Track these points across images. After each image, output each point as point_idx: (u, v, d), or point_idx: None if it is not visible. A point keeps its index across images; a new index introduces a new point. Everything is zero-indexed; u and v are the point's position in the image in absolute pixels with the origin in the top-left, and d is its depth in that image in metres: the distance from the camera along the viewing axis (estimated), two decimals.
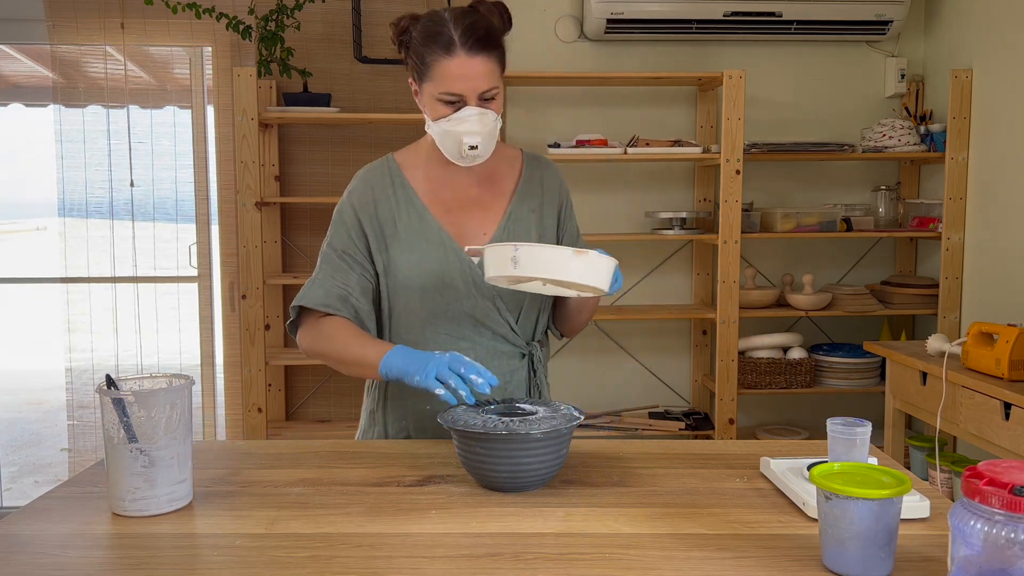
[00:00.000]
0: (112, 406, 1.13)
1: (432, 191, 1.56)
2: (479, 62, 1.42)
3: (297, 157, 3.41)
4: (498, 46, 1.45)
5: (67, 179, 3.35)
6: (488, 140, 1.47)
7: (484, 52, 1.42)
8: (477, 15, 1.45)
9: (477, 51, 1.42)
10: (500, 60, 1.46)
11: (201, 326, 3.46)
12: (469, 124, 1.44)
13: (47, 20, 3.26)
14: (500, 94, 1.46)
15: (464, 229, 1.55)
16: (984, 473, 0.79)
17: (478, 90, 1.43)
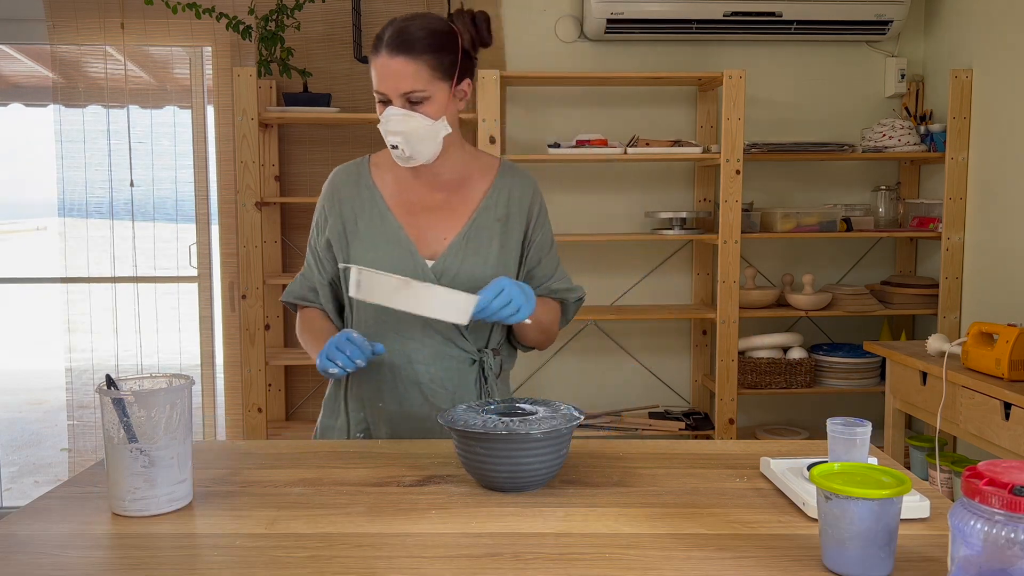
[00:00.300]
0: (112, 406, 1.13)
1: (398, 193, 1.60)
2: (399, 62, 1.44)
3: (297, 157, 3.41)
4: (431, 51, 1.45)
5: (67, 179, 3.35)
6: (415, 143, 1.48)
7: (406, 54, 1.44)
8: (419, 20, 1.47)
9: (398, 52, 1.44)
10: (435, 66, 1.46)
11: (201, 326, 3.46)
12: (391, 124, 1.47)
13: (47, 20, 3.26)
14: (438, 101, 1.47)
15: (425, 233, 1.57)
16: (984, 473, 0.79)
17: (399, 90, 1.45)
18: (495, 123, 3.04)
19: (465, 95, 1.54)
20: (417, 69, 1.44)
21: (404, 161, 1.51)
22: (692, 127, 3.45)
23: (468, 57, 1.51)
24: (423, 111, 1.47)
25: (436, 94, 1.46)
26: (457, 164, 1.59)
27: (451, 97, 1.50)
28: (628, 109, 3.43)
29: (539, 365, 3.52)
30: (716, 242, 3.11)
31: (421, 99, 1.46)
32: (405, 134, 1.47)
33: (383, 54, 1.45)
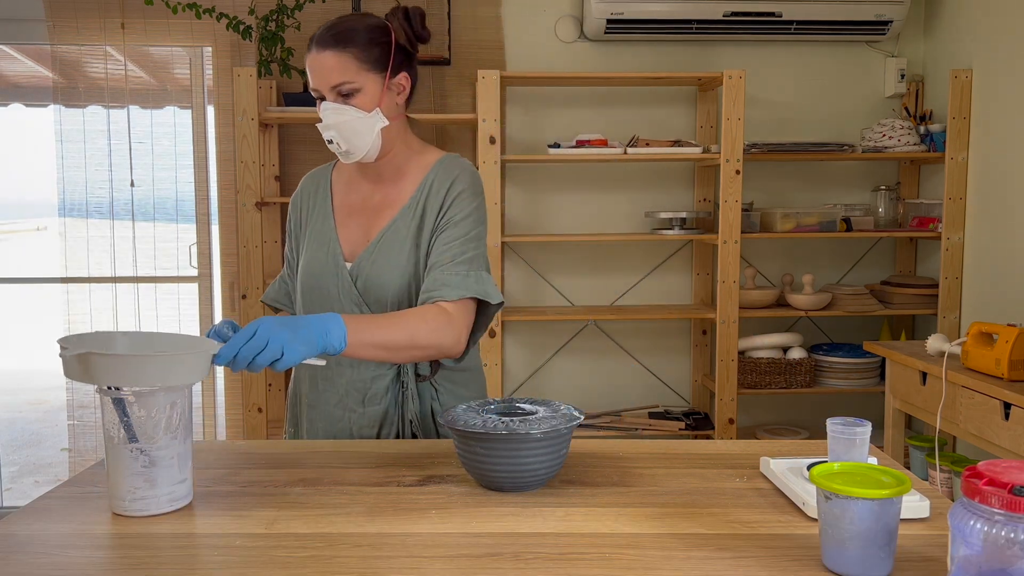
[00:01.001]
0: (112, 406, 1.13)
1: (345, 195, 1.62)
2: (328, 55, 1.46)
3: (297, 157, 3.40)
4: (355, 44, 1.46)
5: (67, 179, 3.35)
6: (349, 136, 1.49)
7: (334, 47, 1.45)
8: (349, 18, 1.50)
9: (326, 46, 1.46)
10: (362, 58, 1.46)
11: (201, 326, 3.46)
12: (326, 118, 1.49)
13: (47, 20, 3.26)
14: (369, 93, 1.47)
15: (352, 235, 1.57)
16: (984, 473, 0.79)
17: (328, 83, 1.47)
18: (495, 123, 3.04)
19: (403, 88, 1.54)
20: (344, 61, 1.45)
21: (344, 157, 1.52)
22: (692, 127, 3.45)
23: (403, 51, 1.52)
24: (354, 103, 1.47)
25: (367, 85, 1.47)
26: (399, 161, 1.58)
27: (385, 89, 1.49)
28: (628, 109, 3.43)
29: (539, 365, 3.52)
30: (716, 242, 3.11)
31: (351, 91, 1.47)
32: (338, 127, 1.48)
33: (313, 51, 1.48)
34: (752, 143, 3.19)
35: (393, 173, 1.58)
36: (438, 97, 3.40)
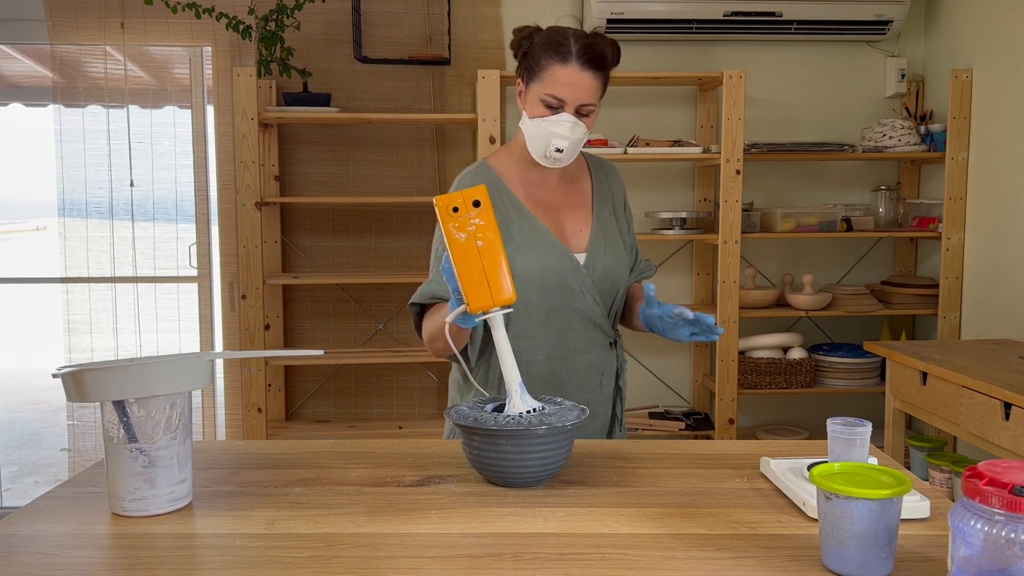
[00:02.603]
0: (112, 406, 1.13)
1: (528, 193, 1.70)
2: (588, 77, 1.57)
3: (297, 157, 3.41)
4: (606, 71, 1.61)
5: (67, 179, 3.35)
6: (574, 148, 1.61)
7: (593, 70, 1.58)
8: (596, 39, 1.62)
9: (588, 67, 1.57)
10: (604, 83, 1.62)
11: (201, 326, 3.46)
12: (562, 128, 1.58)
13: (47, 20, 3.26)
14: (595, 114, 1.62)
15: (563, 229, 1.69)
16: (984, 473, 0.79)
17: (578, 101, 1.58)
18: (495, 123, 3.04)
19: None
20: (597, 87, 1.60)
21: (554, 163, 1.62)
22: (692, 127, 3.45)
23: None
24: (586, 123, 1.61)
25: (597, 109, 1.63)
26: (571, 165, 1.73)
27: None
28: (628, 109, 3.43)
29: None
30: (716, 242, 3.11)
31: (589, 112, 1.61)
32: (572, 140, 1.59)
33: (574, 65, 1.57)
34: (752, 143, 3.19)
35: (565, 170, 1.72)
36: (438, 97, 3.40)
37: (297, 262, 3.45)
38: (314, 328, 3.46)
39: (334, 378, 3.48)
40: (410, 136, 3.43)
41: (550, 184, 1.71)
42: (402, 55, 3.34)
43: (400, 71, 3.39)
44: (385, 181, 3.43)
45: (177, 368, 1.15)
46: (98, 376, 1.11)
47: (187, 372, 1.16)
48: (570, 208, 1.71)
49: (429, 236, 3.47)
